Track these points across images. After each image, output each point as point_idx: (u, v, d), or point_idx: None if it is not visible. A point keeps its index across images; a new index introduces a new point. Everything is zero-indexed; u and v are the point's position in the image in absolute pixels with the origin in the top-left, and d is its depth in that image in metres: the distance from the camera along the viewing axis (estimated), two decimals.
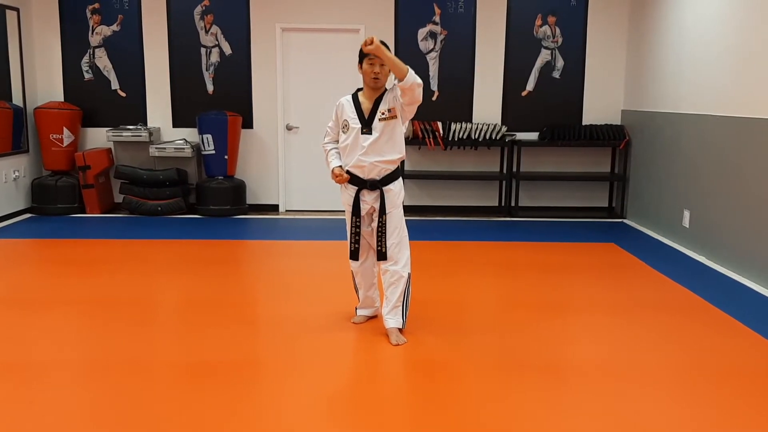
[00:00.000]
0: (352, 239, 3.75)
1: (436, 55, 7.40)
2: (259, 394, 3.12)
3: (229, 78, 7.45)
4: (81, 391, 3.17)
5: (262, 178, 7.63)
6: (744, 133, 5.10)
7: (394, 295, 3.73)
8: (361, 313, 4.03)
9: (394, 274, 3.71)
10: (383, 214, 3.65)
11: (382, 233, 3.68)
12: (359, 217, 3.70)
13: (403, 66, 3.40)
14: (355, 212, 3.69)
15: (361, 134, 3.58)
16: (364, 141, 3.58)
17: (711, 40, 5.60)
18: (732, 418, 2.93)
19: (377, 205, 3.67)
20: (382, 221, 3.66)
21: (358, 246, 3.76)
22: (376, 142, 3.57)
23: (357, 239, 3.74)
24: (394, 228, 3.69)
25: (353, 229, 3.73)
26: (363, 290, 3.94)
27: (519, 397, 3.10)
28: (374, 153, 3.58)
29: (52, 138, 7.13)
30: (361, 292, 3.95)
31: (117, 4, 7.32)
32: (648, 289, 4.82)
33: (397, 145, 3.63)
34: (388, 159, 3.61)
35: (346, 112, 3.64)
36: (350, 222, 3.74)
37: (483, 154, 7.58)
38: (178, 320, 4.26)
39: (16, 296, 4.54)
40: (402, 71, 3.39)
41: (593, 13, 7.39)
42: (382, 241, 3.68)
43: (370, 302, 3.98)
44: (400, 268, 3.70)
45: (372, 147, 3.57)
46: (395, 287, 3.72)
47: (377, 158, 3.58)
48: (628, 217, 7.34)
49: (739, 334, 3.92)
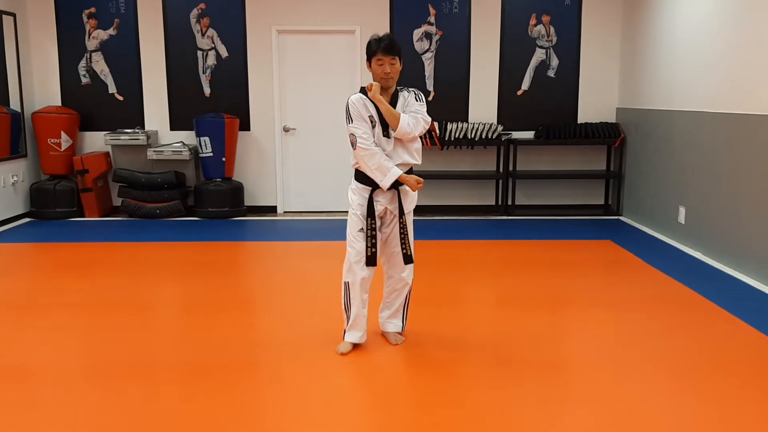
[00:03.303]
0: (369, 243, 3.46)
1: (431, 55, 7.43)
2: (258, 395, 3.14)
3: (226, 80, 7.47)
4: (81, 393, 3.19)
5: (260, 179, 7.66)
6: (738, 130, 5.14)
7: (397, 301, 3.69)
8: (349, 339, 3.59)
9: (401, 281, 3.62)
10: (402, 215, 3.49)
11: (405, 234, 3.50)
12: (374, 219, 3.47)
13: (395, 116, 3.34)
14: (369, 213, 3.46)
15: (383, 136, 3.41)
16: (386, 144, 3.42)
17: (704, 37, 5.64)
18: (729, 411, 2.96)
19: (391, 207, 3.50)
20: (403, 222, 3.50)
21: (376, 249, 3.48)
22: (396, 146, 3.44)
23: (374, 242, 3.46)
24: (411, 231, 3.57)
25: (369, 231, 3.46)
26: (356, 307, 3.54)
27: (518, 393, 3.13)
28: (395, 155, 3.44)
29: (50, 142, 7.15)
30: (353, 309, 3.54)
31: (113, 8, 7.34)
32: (644, 285, 4.85)
33: (416, 150, 3.51)
34: (406, 162, 3.46)
35: (369, 109, 3.40)
36: (365, 224, 3.46)
37: (479, 153, 7.61)
38: (178, 322, 4.28)
39: (15, 300, 4.56)
40: (393, 123, 3.34)
41: (587, 12, 7.42)
42: (406, 243, 3.51)
43: (361, 323, 3.58)
44: (407, 275, 3.62)
45: (394, 149, 3.44)
46: (399, 294, 3.67)
47: (398, 161, 3.43)
48: (623, 214, 7.38)
49: (734, 329, 3.95)
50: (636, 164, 7.03)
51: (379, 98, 3.35)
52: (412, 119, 3.39)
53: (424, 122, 3.43)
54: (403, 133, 3.37)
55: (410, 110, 3.43)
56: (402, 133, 3.37)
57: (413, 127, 3.39)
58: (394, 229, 3.55)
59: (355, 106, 3.40)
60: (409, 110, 3.43)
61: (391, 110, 3.37)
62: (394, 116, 3.36)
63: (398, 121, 3.35)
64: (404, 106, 3.45)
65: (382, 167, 3.37)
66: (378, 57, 3.36)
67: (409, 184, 3.43)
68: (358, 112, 3.40)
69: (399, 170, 3.38)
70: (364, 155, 3.37)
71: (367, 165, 3.38)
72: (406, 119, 3.37)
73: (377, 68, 3.38)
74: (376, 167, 3.37)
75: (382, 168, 3.37)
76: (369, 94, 3.38)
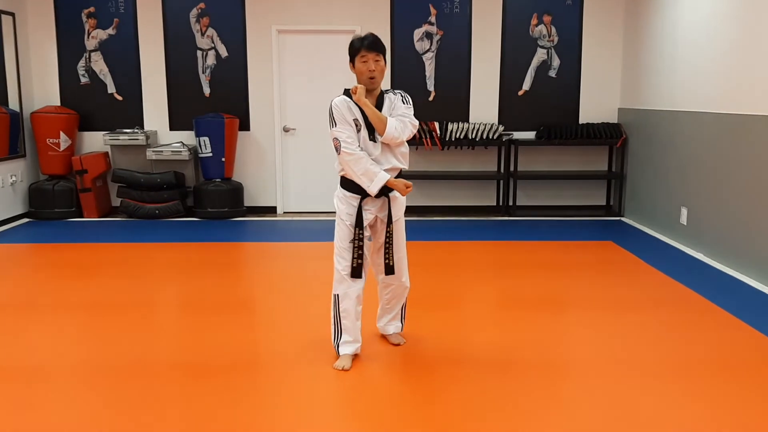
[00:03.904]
0: (355, 254, 3.31)
1: (432, 55, 7.40)
2: (259, 395, 3.12)
3: (226, 80, 7.45)
4: (82, 394, 3.17)
5: (260, 180, 7.64)
6: (740, 130, 5.11)
7: (397, 306, 3.65)
8: (345, 351, 3.41)
9: (399, 287, 3.56)
10: (390, 223, 3.36)
11: (389, 245, 3.37)
12: (362, 229, 3.32)
13: (382, 120, 3.22)
14: (358, 223, 3.32)
15: (369, 140, 3.27)
16: (373, 148, 3.28)
17: (706, 37, 5.61)
18: (731, 413, 2.93)
19: (381, 215, 3.37)
20: (389, 231, 3.37)
21: (362, 261, 3.33)
22: (384, 150, 3.30)
23: (361, 253, 3.31)
24: (402, 239, 3.46)
25: (357, 242, 3.31)
26: (350, 321, 3.38)
27: (519, 395, 3.10)
28: (383, 160, 3.30)
29: (49, 142, 7.13)
30: (347, 323, 3.38)
31: (113, 8, 7.32)
32: (646, 286, 4.83)
33: (403, 154, 3.37)
34: (394, 166, 3.32)
35: (354, 112, 3.26)
36: (353, 234, 3.31)
37: (480, 153, 7.58)
38: (177, 323, 4.26)
39: (14, 301, 4.54)
40: (380, 127, 3.23)
41: (588, 12, 7.40)
42: (390, 253, 3.39)
43: (356, 335, 3.42)
44: (405, 281, 3.55)
45: (382, 154, 3.30)
46: (399, 300, 3.63)
47: (386, 165, 3.29)
48: (625, 215, 7.35)
49: (736, 330, 3.92)
50: (638, 165, 7.00)
51: (364, 101, 3.22)
52: (399, 123, 3.25)
53: (411, 126, 3.30)
54: (391, 138, 3.24)
55: (397, 113, 3.30)
56: (389, 138, 3.24)
57: (401, 132, 3.25)
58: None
59: (339, 109, 3.26)
60: (395, 113, 3.30)
61: (378, 114, 3.24)
62: (380, 120, 3.23)
63: (385, 126, 3.22)
64: (391, 108, 3.32)
65: (368, 172, 3.21)
66: (362, 54, 3.23)
67: (398, 188, 3.29)
68: (341, 115, 3.25)
69: (387, 175, 3.23)
70: (349, 160, 3.22)
71: (353, 171, 3.22)
72: (393, 123, 3.24)
73: (361, 66, 3.25)
74: (363, 172, 3.21)
75: (369, 173, 3.21)
76: (354, 97, 3.24)
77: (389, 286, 3.57)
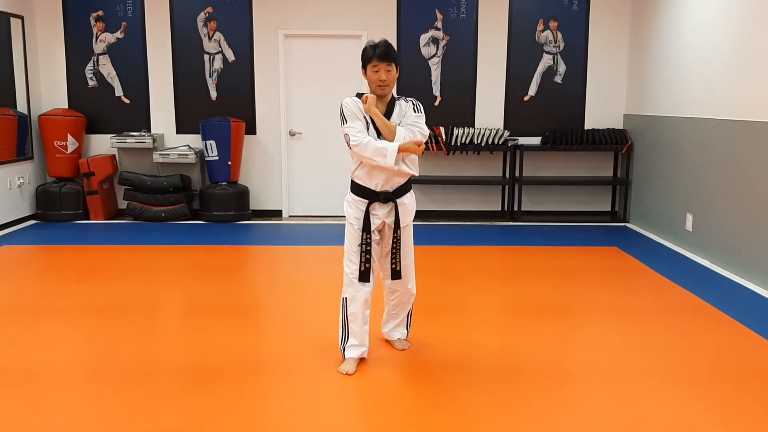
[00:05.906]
0: (363, 258, 3.33)
1: (438, 60, 7.42)
2: (263, 399, 3.13)
3: (233, 84, 7.48)
4: (86, 397, 3.18)
5: (266, 183, 7.65)
6: (746, 137, 5.10)
7: (402, 313, 3.66)
8: (351, 355, 3.42)
9: (405, 294, 3.57)
10: (398, 229, 3.36)
11: (396, 250, 3.38)
12: (370, 233, 3.33)
13: (391, 130, 3.24)
14: (365, 228, 3.33)
15: None
16: None
17: (712, 43, 5.61)
18: (736, 420, 2.93)
19: (388, 220, 3.37)
20: (397, 237, 3.37)
21: (370, 265, 3.35)
22: None
23: (369, 257, 3.33)
24: (409, 246, 3.46)
25: (364, 246, 3.32)
26: (358, 325, 3.40)
27: (523, 401, 3.10)
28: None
29: (57, 145, 7.17)
30: (354, 326, 3.40)
31: (121, 12, 7.36)
32: (651, 292, 4.82)
33: (412, 160, 3.35)
34: (405, 171, 3.31)
35: (363, 111, 3.28)
36: (361, 239, 3.33)
37: (485, 158, 7.59)
38: (183, 326, 4.27)
39: (21, 303, 4.56)
40: (390, 137, 3.24)
41: (595, 18, 7.41)
42: (397, 258, 3.40)
43: (363, 339, 3.44)
44: (411, 287, 3.55)
45: None
46: (405, 306, 3.64)
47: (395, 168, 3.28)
48: (631, 221, 7.34)
49: (742, 337, 3.92)
50: (643, 171, 7.00)
51: (374, 111, 3.24)
52: (409, 133, 3.26)
53: (421, 136, 3.29)
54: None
55: (407, 122, 3.30)
56: None
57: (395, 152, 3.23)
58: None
59: (349, 106, 3.28)
60: (406, 122, 3.30)
61: (387, 123, 3.25)
62: (390, 131, 3.24)
63: (394, 136, 3.23)
64: (401, 116, 3.33)
65: (379, 150, 3.19)
66: (373, 63, 3.24)
67: (410, 150, 3.23)
68: (351, 111, 3.27)
69: (395, 144, 3.20)
70: (359, 150, 3.22)
71: (366, 157, 3.22)
72: (403, 134, 3.24)
73: (372, 75, 3.26)
74: (374, 153, 3.20)
75: (380, 151, 3.19)
76: (364, 107, 3.26)
77: (395, 292, 3.57)
